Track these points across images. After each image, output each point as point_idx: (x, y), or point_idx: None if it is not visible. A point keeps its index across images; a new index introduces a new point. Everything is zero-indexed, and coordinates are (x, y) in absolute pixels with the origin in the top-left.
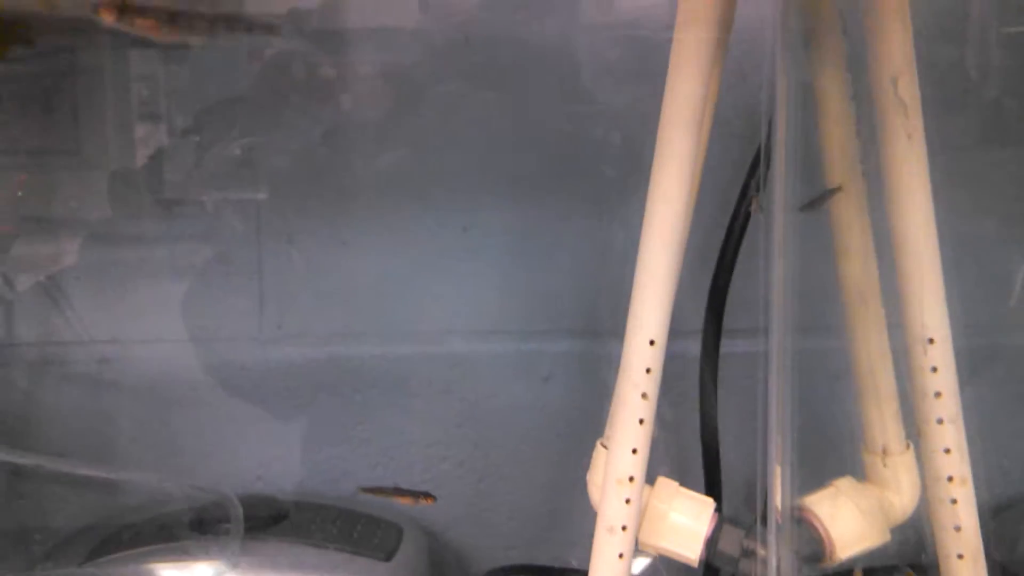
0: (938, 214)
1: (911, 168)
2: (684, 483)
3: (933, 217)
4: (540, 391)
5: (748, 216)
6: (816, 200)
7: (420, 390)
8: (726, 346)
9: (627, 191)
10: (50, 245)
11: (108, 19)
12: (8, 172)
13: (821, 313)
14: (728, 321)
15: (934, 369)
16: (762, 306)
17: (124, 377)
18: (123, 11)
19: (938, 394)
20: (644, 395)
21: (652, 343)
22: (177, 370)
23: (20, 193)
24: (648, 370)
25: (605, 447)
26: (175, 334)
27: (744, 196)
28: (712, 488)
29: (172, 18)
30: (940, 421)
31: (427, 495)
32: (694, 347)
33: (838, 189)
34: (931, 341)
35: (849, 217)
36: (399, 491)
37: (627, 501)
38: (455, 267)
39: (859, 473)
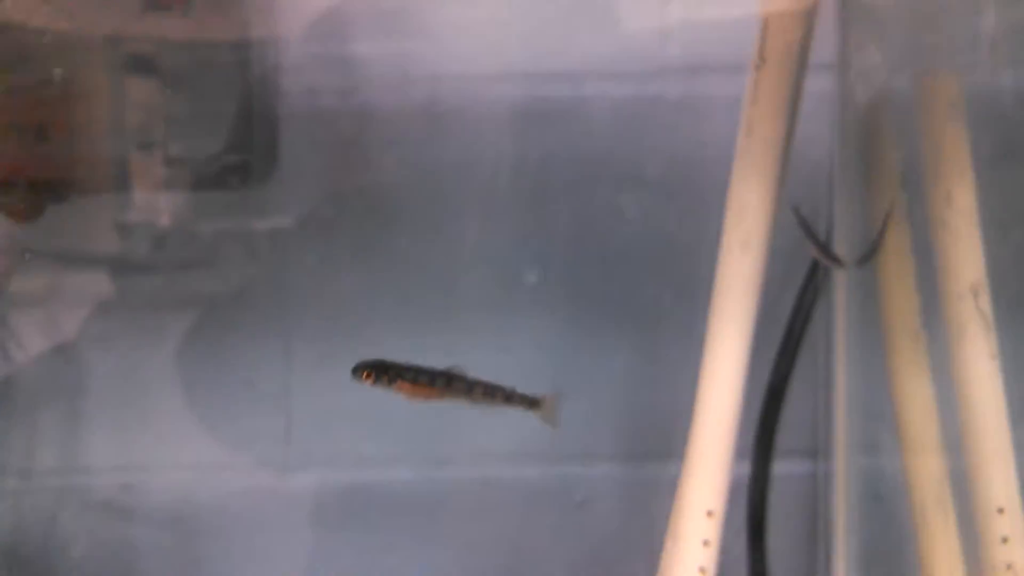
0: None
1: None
2: None
3: (1001, 385)
4: (575, 517)
5: (804, 333)
6: (871, 251)
7: (451, 517)
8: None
9: (668, 309)
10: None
11: None
12: None
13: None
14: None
15: (1004, 540)
16: (821, 426)
17: (147, 505)
18: None
19: (1009, 566)
20: (702, 570)
21: (710, 514)
22: (201, 497)
23: None
24: (706, 542)
25: None
26: (199, 460)
27: (798, 315)
28: None
29: None
30: None
31: None
32: (741, 468)
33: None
34: (1000, 511)
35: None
36: None
37: None
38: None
39: None
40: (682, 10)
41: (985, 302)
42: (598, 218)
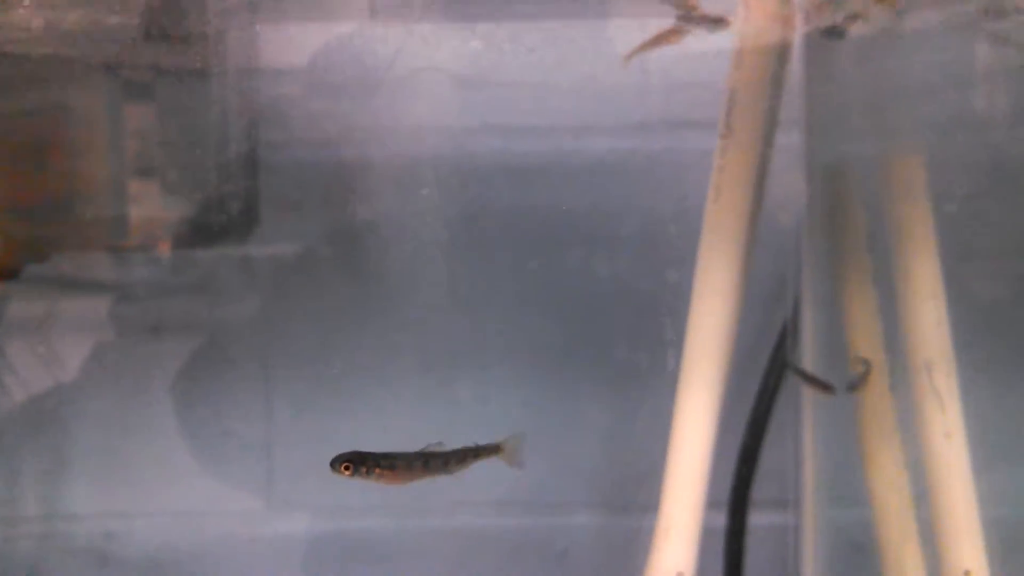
0: None
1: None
2: None
3: (962, 456)
4: (555, 567)
5: (777, 388)
6: (859, 380)
7: (431, 566)
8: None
9: (647, 363)
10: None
11: None
12: None
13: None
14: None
15: None
16: (792, 477)
17: (129, 551)
18: None
19: None
20: None
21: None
22: (183, 544)
23: None
24: None
25: None
26: (181, 507)
27: (772, 368)
28: None
29: None
30: None
31: None
32: (716, 519)
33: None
34: (967, 574)
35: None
36: None
37: None
38: (468, 438)
39: None
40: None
41: (940, 378)
42: (574, 270)
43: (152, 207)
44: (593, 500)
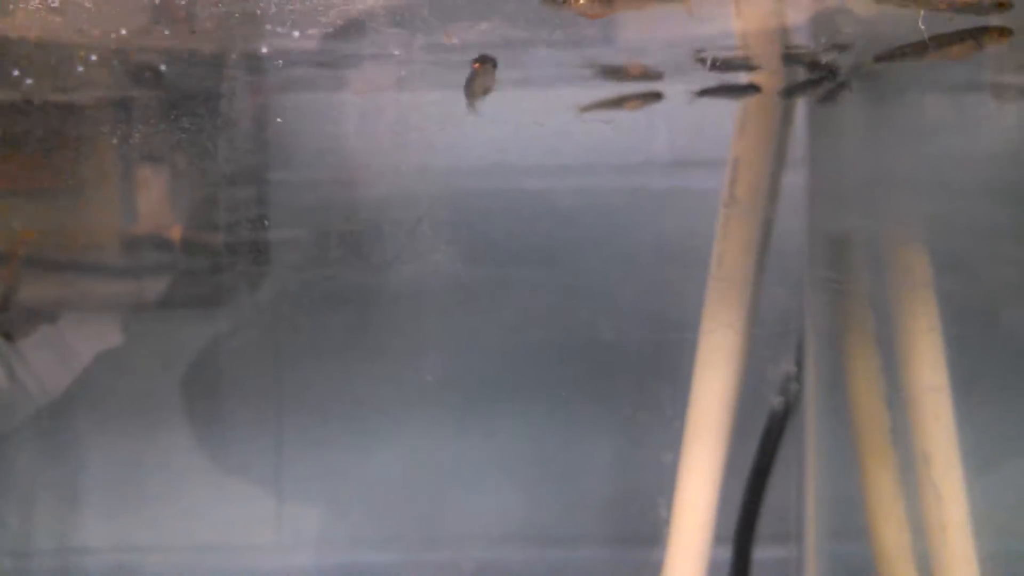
0: None
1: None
2: None
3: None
4: None
5: (784, 425)
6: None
7: None
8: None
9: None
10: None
11: None
12: None
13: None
14: None
15: None
16: (795, 512)
17: None
18: None
19: None
20: None
21: None
22: None
23: None
24: None
25: None
26: (192, 541)
27: (777, 412)
28: None
29: None
30: None
31: None
32: (720, 553)
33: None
34: None
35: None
36: None
37: None
38: (477, 472)
39: None
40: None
41: (937, 471)
42: (582, 306)
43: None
44: (602, 534)
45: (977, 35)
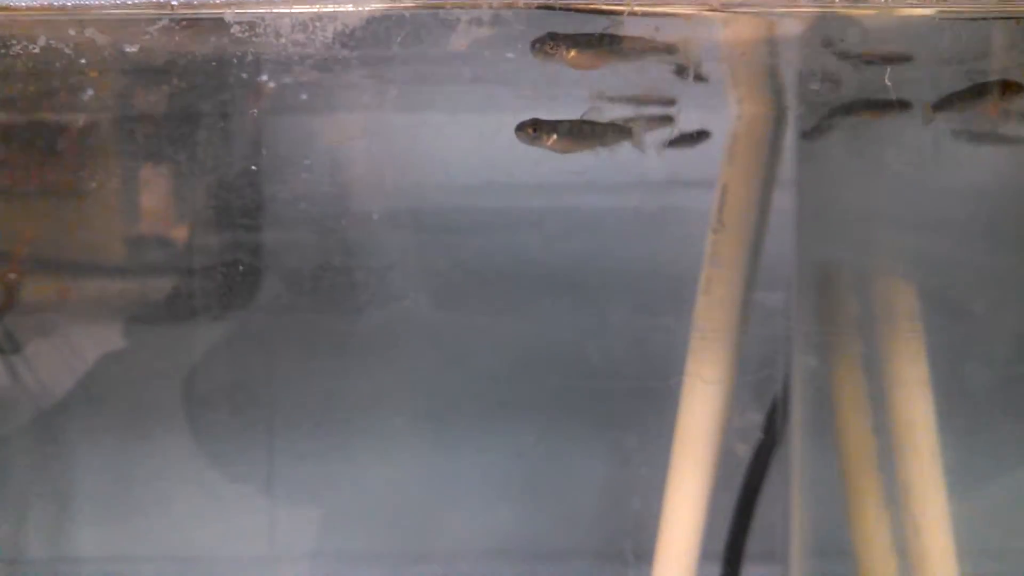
0: None
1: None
2: None
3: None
4: None
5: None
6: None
7: None
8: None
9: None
10: None
11: None
12: None
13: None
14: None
15: None
16: (781, 531)
17: None
18: None
19: None
20: None
21: None
22: None
23: None
24: None
25: None
26: (184, 552)
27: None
28: None
29: None
30: None
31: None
32: (709, 570)
33: None
34: None
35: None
36: None
37: None
38: (467, 487)
39: None
40: None
41: (917, 502)
42: (572, 322)
43: None
44: (590, 548)
45: None
